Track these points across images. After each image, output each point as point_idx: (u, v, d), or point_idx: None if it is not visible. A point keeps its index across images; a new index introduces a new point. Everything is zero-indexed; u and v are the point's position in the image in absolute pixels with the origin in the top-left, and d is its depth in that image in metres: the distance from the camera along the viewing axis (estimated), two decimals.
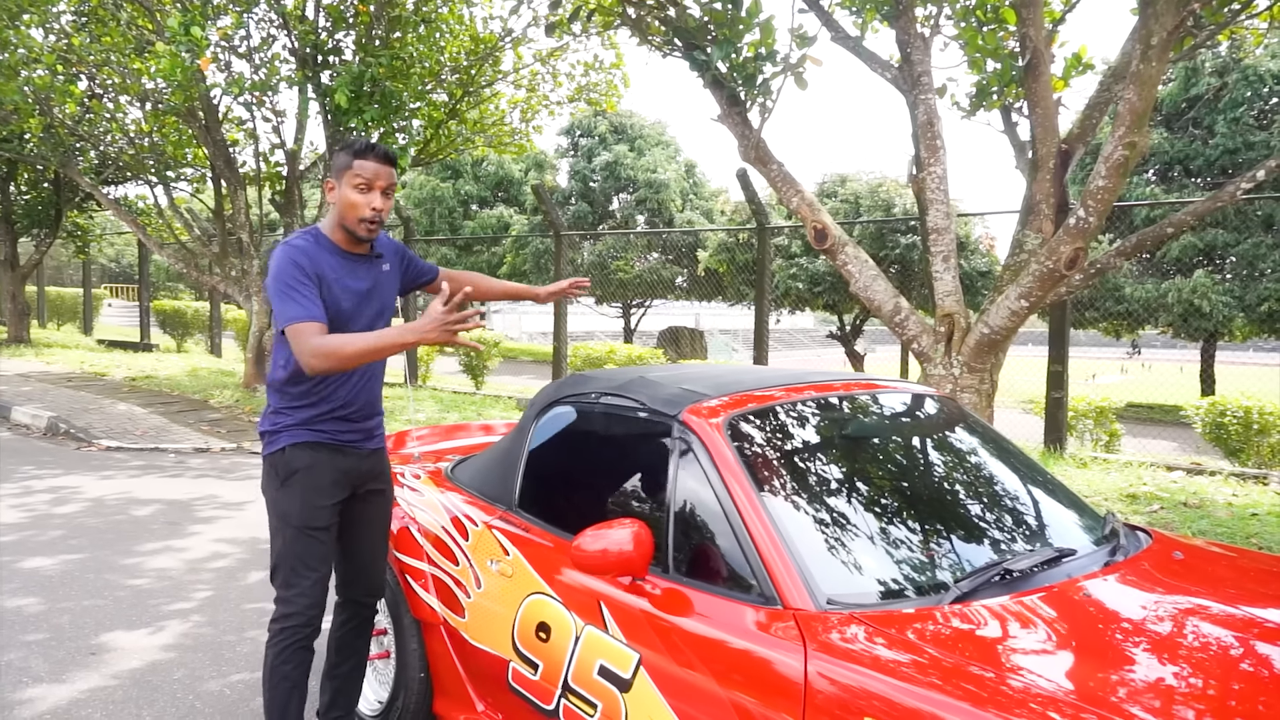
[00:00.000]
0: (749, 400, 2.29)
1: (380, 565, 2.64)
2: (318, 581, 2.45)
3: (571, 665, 2.10)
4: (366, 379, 2.53)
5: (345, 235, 2.46)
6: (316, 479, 2.44)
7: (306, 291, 2.32)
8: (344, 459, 2.50)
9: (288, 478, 2.45)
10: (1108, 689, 1.49)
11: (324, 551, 2.47)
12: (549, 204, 10.77)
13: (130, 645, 3.68)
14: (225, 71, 9.91)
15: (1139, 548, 2.17)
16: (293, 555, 2.44)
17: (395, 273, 2.66)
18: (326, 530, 2.46)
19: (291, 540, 2.44)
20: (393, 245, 2.68)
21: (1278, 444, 7.57)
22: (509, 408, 10.40)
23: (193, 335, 18.00)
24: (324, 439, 2.46)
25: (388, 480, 2.69)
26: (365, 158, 2.41)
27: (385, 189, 2.43)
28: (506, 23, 11.04)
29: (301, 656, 2.45)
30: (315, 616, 2.45)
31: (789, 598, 1.80)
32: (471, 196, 27.04)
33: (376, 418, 2.61)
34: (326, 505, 2.46)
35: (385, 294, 2.59)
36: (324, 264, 2.41)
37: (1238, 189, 4.88)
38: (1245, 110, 16.13)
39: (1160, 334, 18.21)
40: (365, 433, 2.56)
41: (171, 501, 6.12)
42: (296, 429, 2.46)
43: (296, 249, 2.39)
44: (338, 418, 2.48)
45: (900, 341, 5.52)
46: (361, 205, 2.39)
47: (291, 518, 2.44)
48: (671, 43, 5.72)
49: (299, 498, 2.44)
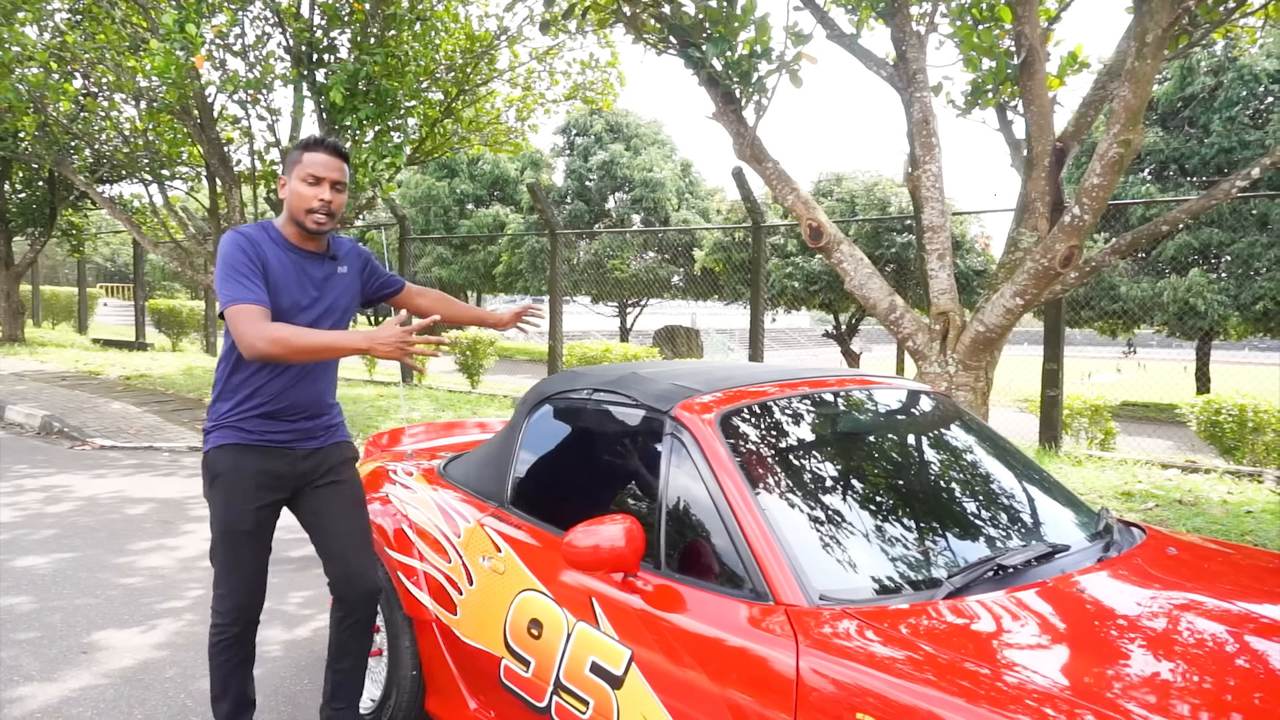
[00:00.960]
0: (742, 396, 2.28)
1: (360, 560, 2.53)
2: (242, 585, 2.44)
3: (563, 662, 2.09)
4: (304, 378, 2.46)
5: (296, 230, 2.43)
6: (239, 482, 2.42)
7: (251, 276, 2.30)
8: (271, 461, 2.45)
9: (213, 480, 2.45)
10: (1103, 684, 1.48)
11: (248, 556, 2.44)
12: (544, 203, 10.75)
13: (122, 644, 3.66)
14: (220, 69, 9.89)
15: (1133, 543, 2.17)
16: (219, 556, 2.45)
17: (354, 278, 2.60)
18: (251, 534, 2.43)
19: (218, 541, 2.45)
20: (355, 250, 2.64)
21: (1272, 442, 7.57)
22: (504, 406, 10.38)
23: (188, 334, 17.96)
24: (249, 440, 2.43)
25: (345, 472, 2.60)
26: (315, 151, 2.39)
27: (335, 183, 2.40)
28: (502, 21, 11.03)
29: (233, 652, 2.48)
30: (240, 619, 2.46)
31: (781, 593, 1.79)
32: (467, 195, 27.00)
33: (322, 417, 2.55)
34: (249, 509, 2.42)
35: (337, 297, 2.52)
36: (269, 255, 2.38)
37: (1232, 186, 4.88)
38: (1240, 109, 16.15)
39: (1156, 333, 18.24)
40: (302, 433, 2.50)
41: (165, 500, 6.09)
42: (223, 429, 2.44)
43: (242, 235, 2.38)
44: (266, 414, 2.43)
45: (895, 340, 5.51)
46: (309, 197, 2.37)
47: (216, 519, 2.45)
48: (666, 40, 5.71)
49: (222, 499, 2.43)
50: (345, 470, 2.61)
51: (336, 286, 2.53)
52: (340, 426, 2.65)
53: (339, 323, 2.56)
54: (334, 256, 2.54)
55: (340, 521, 2.55)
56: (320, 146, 2.40)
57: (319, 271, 2.48)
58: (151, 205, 12.77)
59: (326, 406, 2.58)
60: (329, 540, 2.54)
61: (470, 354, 12.25)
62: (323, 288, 2.49)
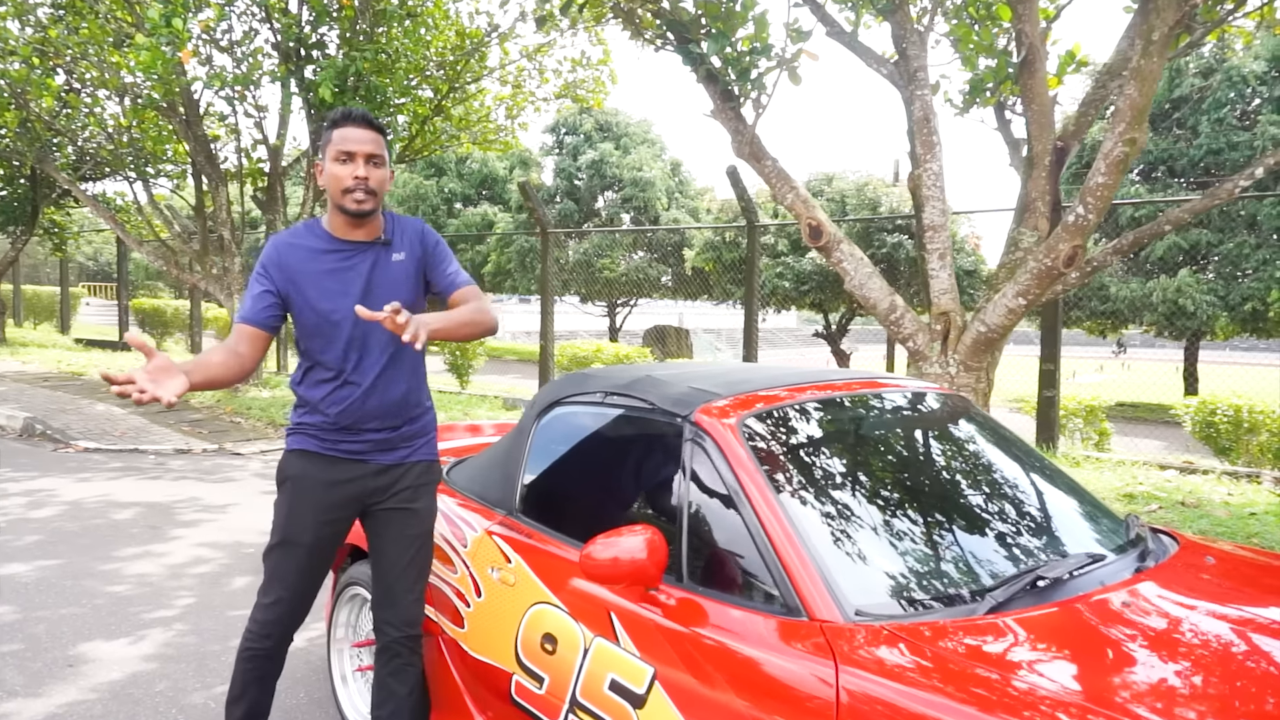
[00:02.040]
0: (762, 399, 2.20)
1: (410, 593, 2.36)
2: (288, 598, 2.31)
3: (580, 679, 1.99)
4: (378, 385, 2.27)
5: (341, 219, 2.27)
6: (304, 490, 2.29)
7: (255, 290, 2.24)
8: (343, 471, 2.30)
9: (281, 483, 2.34)
10: (1161, 705, 1.41)
11: (301, 568, 2.31)
12: (536, 202, 10.64)
13: (110, 656, 3.54)
14: (207, 65, 9.72)
15: (1166, 553, 2.10)
16: (271, 563, 2.34)
17: (412, 264, 2.34)
18: (309, 547, 2.30)
19: (274, 547, 2.33)
20: (419, 233, 2.37)
21: (1267, 443, 7.57)
22: (495, 407, 10.27)
23: (173, 334, 17.74)
24: (321, 448, 2.30)
25: (422, 498, 2.39)
26: (344, 125, 2.22)
27: (370, 156, 2.21)
28: (493, 18, 10.92)
29: (262, 666, 2.37)
30: (276, 633, 2.33)
31: (814, 609, 1.70)
32: (455, 194, 26.83)
33: (403, 427, 2.35)
34: (310, 520, 2.29)
35: (392, 289, 2.28)
36: (298, 257, 2.25)
37: (1235, 186, 4.85)
38: (1228, 111, 16.23)
39: (1143, 333, 18.30)
40: (378, 444, 2.32)
41: (152, 504, 5.95)
42: (297, 434, 2.34)
43: (271, 244, 2.29)
44: (340, 427, 2.28)
45: (895, 340, 5.46)
46: (343, 176, 2.19)
47: (277, 525, 2.33)
48: (664, 36, 5.63)
49: (285, 506, 2.32)
50: (423, 496, 2.40)
51: (391, 277, 2.29)
52: (428, 439, 2.44)
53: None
54: (387, 242, 2.30)
55: (402, 554, 2.36)
56: (349, 120, 2.22)
57: (365, 262, 2.27)
58: (136, 203, 12.58)
59: (410, 413, 2.36)
60: (384, 568, 2.38)
61: (459, 354, 12.12)
62: (372, 281, 2.27)
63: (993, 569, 1.90)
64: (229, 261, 10.52)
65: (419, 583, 2.41)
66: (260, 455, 7.88)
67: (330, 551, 2.37)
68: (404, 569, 2.37)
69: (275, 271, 2.24)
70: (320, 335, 2.25)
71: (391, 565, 2.37)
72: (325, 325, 2.24)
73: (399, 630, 2.37)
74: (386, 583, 2.37)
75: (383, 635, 2.39)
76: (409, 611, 2.39)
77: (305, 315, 2.26)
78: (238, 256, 10.52)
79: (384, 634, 2.39)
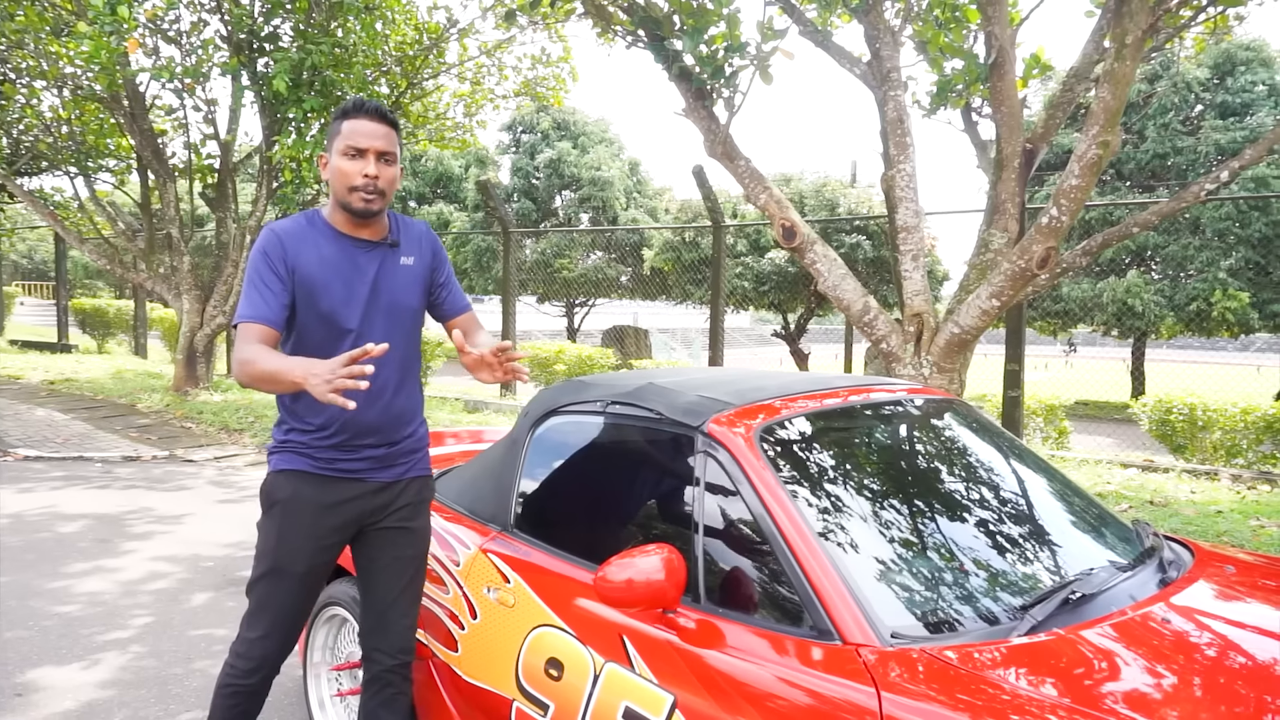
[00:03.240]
0: (776, 408, 2.10)
1: (406, 618, 2.23)
2: (278, 631, 2.13)
3: (590, 707, 1.88)
4: (375, 397, 2.11)
5: (344, 216, 2.10)
6: (297, 515, 2.10)
7: (265, 287, 2.01)
8: (340, 492, 2.13)
9: (269, 507, 2.14)
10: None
11: (293, 598, 2.13)
12: (497, 201, 10.46)
13: (61, 683, 3.31)
14: (153, 56, 9.35)
15: (1185, 564, 2.06)
16: (259, 594, 2.14)
17: (421, 270, 2.21)
18: (302, 576, 2.12)
19: (262, 577, 2.13)
20: (426, 237, 2.26)
21: (1220, 440, 7.74)
22: (456, 409, 10.07)
23: (115, 336, 17.09)
24: (316, 468, 2.11)
25: (418, 517, 2.26)
26: (355, 117, 2.05)
27: (381, 154, 2.06)
28: (451, 13, 10.70)
29: (245, 703, 2.17)
30: (263, 668, 2.15)
31: (848, 632, 1.61)
32: (410, 193, 26.38)
33: (402, 442, 2.21)
34: (305, 547, 2.10)
35: (399, 293, 2.16)
36: (307, 251, 2.06)
37: (1201, 189, 4.92)
38: (1174, 116, 16.68)
39: (1091, 332, 18.74)
40: (377, 460, 2.16)
41: (100, 516, 5.66)
42: (287, 452, 2.13)
43: (273, 234, 2.06)
44: (336, 443, 2.11)
45: (869, 341, 5.44)
46: (351, 173, 2.03)
47: (265, 553, 2.13)
48: (635, 33, 5.54)
49: (275, 532, 2.11)
50: (418, 515, 2.27)
51: (399, 281, 2.16)
52: (424, 453, 2.30)
53: (407, 328, 2.18)
54: (394, 244, 2.16)
55: (399, 577, 2.22)
56: (361, 112, 2.06)
57: (372, 263, 2.12)
58: (76, 199, 12.07)
59: (408, 426, 2.23)
60: (379, 593, 2.22)
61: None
62: (378, 283, 2.12)
63: (1027, 585, 1.84)
64: (177, 260, 10.14)
65: (414, 607, 2.26)
66: (214, 462, 7.59)
67: (323, 577, 2.20)
68: (400, 593, 2.22)
69: (284, 265, 2.04)
70: (321, 339, 2.07)
71: (387, 590, 2.21)
72: (329, 329, 2.07)
73: (393, 658, 2.22)
74: (380, 609, 2.22)
75: (374, 664, 2.23)
76: (404, 638, 2.23)
77: (307, 316, 2.07)
78: (186, 255, 10.15)
79: (376, 663, 2.23)
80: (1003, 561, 1.92)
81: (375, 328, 2.11)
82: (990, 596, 1.78)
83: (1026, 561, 1.96)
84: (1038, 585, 1.83)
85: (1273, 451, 7.14)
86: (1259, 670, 1.56)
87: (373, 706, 2.24)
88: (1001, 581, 1.84)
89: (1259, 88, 16.52)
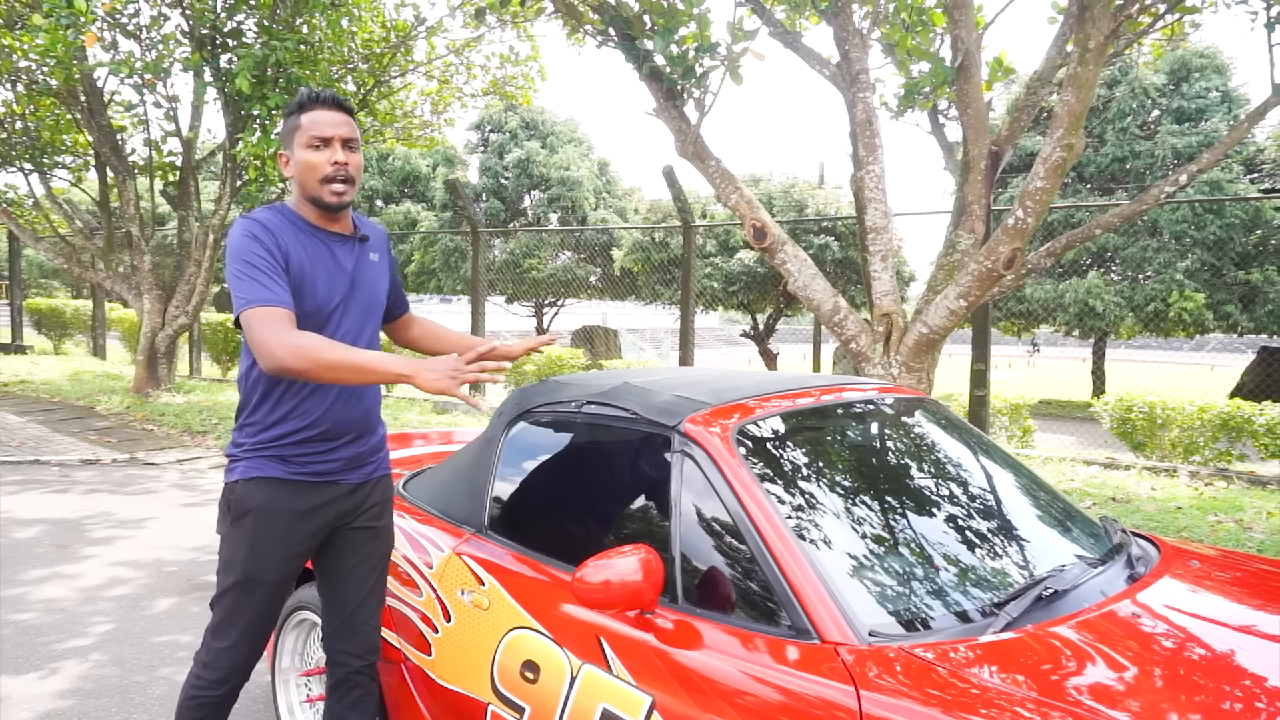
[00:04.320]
0: (752, 407, 2.11)
1: (373, 618, 2.21)
2: (246, 642, 2.07)
3: (566, 710, 1.86)
4: (350, 394, 2.09)
5: (314, 210, 2.06)
6: (271, 524, 2.04)
7: (270, 271, 1.92)
8: (313, 496, 2.08)
9: (239, 517, 2.06)
10: (1197, 717, 1.37)
11: (264, 607, 2.07)
12: (466, 200, 10.38)
13: (19, 693, 3.22)
14: (112, 51, 9.14)
15: (1151, 559, 2.09)
16: (228, 605, 2.07)
17: (384, 266, 2.22)
18: (273, 586, 2.07)
19: (231, 588, 2.06)
20: (384, 235, 2.26)
21: (1178, 438, 7.91)
22: (425, 410, 9.98)
23: (72, 336, 16.70)
24: (290, 474, 2.05)
25: (384, 516, 2.25)
26: (314, 109, 2.01)
27: (346, 140, 2.03)
28: (419, 10, 10.60)
29: (208, 713, 2.10)
30: (232, 680, 2.09)
31: (826, 631, 1.62)
32: (376, 192, 26.10)
33: (370, 439, 2.19)
34: (280, 555, 2.05)
35: (370, 286, 2.14)
36: (291, 241, 2.00)
37: (1161, 192, 5.02)
38: (1132, 121, 17.04)
39: (1053, 332, 19.08)
40: (349, 461, 2.13)
41: (58, 521, 5.52)
42: (256, 458, 2.06)
43: (257, 222, 1.99)
44: (308, 444, 2.06)
45: (839, 340, 5.48)
46: (320, 163, 1.99)
47: (234, 564, 2.05)
48: (606, 32, 5.53)
49: (246, 543, 2.04)
50: (384, 515, 2.25)
51: (371, 275, 2.15)
52: (386, 453, 2.28)
53: (373, 321, 2.16)
54: (363, 238, 2.14)
55: (361, 575, 2.18)
56: (318, 102, 2.01)
57: (349, 257, 2.09)
58: (31, 196, 11.77)
59: (374, 423, 2.20)
60: (346, 594, 2.17)
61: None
62: (356, 277, 2.10)
63: (1000, 582, 1.85)
64: (137, 259, 9.93)
65: (380, 607, 2.24)
66: (176, 465, 7.44)
67: (292, 584, 2.16)
68: (368, 594, 2.19)
69: (279, 250, 1.97)
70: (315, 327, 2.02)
71: (355, 591, 2.17)
72: (309, 318, 2.01)
73: (360, 659, 2.19)
74: (347, 610, 2.18)
75: (341, 666, 2.19)
76: (371, 639, 2.20)
77: (304, 304, 2.01)
78: (147, 254, 9.94)
79: (343, 665, 2.19)
80: (976, 559, 1.94)
81: (349, 320, 2.09)
82: (965, 594, 1.80)
83: (1000, 558, 1.98)
84: (1011, 582, 1.85)
85: (1228, 449, 7.31)
86: (1225, 663, 1.59)
87: (340, 710, 2.20)
88: (976, 578, 1.86)
89: (1213, 94, 16.93)
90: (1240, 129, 4.71)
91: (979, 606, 1.74)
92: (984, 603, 1.75)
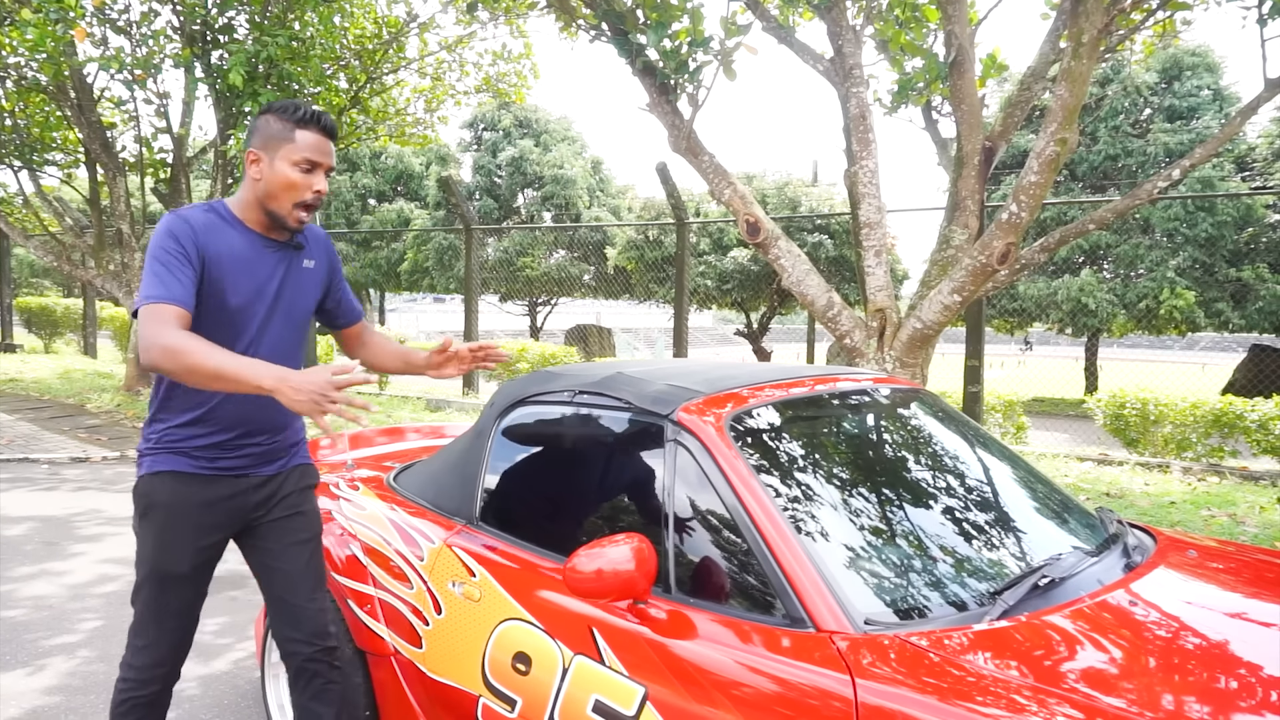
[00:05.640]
0: (745, 396, 2.09)
1: (314, 601, 2.16)
2: (167, 636, 2.04)
3: (559, 701, 1.84)
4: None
5: (265, 219, 2.03)
6: (178, 517, 2.01)
7: (176, 270, 1.89)
8: (221, 489, 2.05)
9: (146, 511, 2.03)
10: (1199, 705, 1.36)
11: (180, 603, 2.04)
12: (459, 198, 10.36)
13: (6, 689, 3.19)
14: (102, 46, 9.08)
15: (1148, 549, 2.08)
16: (144, 600, 2.05)
17: (319, 275, 2.18)
18: (186, 579, 2.03)
19: (144, 583, 2.04)
20: (325, 242, 2.22)
21: (1171, 434, 7.93)
22: (418, 408, 9.95)
23: (63, 335, 16.62)
24: (195, 468, 2.02)
25: (306, 501, 2.21)
26: (309, 128, 1.98)
27: (329, 170, 2.03)
28: (411, 7, 10.57)
29: (141, 714, 2.07)
30: (158, 678, 2.06)
31: (821, 619, 1.60)
32: (369, 190, 26.02)
33: (284, 433, 2.15)
34: (189, 548, 2.02)
35: (299, 296, 2.12)
36: (216, 242, 1.97)
37: (1154, 187, 5.02)
38: (1124, 119, 17.08)
39: (1046, 330, 19.13)
40: (260, 456, 2.10)
41: (47, 518, 5.48)
42: (162, 452, 2.02)
43: (180, 219, 1.95)
44: (217, 440, 2.03)
45: (833, 336, 5.47)
46: (301, 187, 1.97)
47: (145, 559, 2.03)
48: (599, 27, 5.51)
49: (154, 536, 2.02)
50: (306, 500, 2.21)
51: (300, 283, 2.13)
52: (304, 446, 2.25)
53: (298, 330, 2.14)
54: (299, 246, 2.12)
55: (294, 561, 2.15)
56: (318, 125, 1.99)
57: (280, 264, 2.07)
58: (21, 194, 11.70)
59: (290, 420, 2.17)
60: (279, 581, 2.14)
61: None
62: (284, 284, 2.08)
63: (996, 570, 1.84)
64: (128, 257, 9.87)
65: (319, 589, 2.20)
66: None
67: (208, 576, 2.12)
68: (300, 576, 2.15)
69: (195, 250, 1.94)
70: (219, 333, 1.97)
71: (288, 575, 2.14)
72: (230, 322, 1.99)
73: (310, 645, 2.14)
74: (285, 596, 2.14)
75: (294, 656, 2.15)
76: (315, 622, 2.15)
77: (210, 307, 1.97)
78: (138, 252, 9.88)
79: (295, 654, 2.15)
80: (972, 547, 1.93)
81: (274, 328, 2.07)
82: (961, 582, 1.78)
83: (996, 547, 1.96)
84: (1007, 571, 1.84)
85: (1220, 444, 7.33)
86: (1220, 651, 1.58)
87: (304, 702, 2.16)
88: (972, 567, 1.85)
89: (1204, 92, 16.98)
90: (1233, 124, 4.71)
91: (975, 595, 1.73)
92: (980, 591, 1.74)
